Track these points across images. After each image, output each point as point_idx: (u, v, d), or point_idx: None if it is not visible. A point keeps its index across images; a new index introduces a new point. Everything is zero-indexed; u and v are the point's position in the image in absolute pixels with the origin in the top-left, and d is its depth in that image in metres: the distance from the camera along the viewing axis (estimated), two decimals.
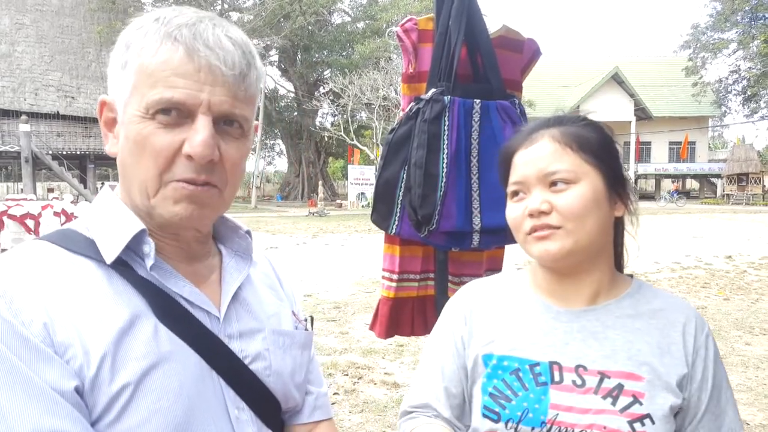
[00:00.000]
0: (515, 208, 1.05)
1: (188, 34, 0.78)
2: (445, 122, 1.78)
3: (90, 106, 30.97)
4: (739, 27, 33.27)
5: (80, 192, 28.25)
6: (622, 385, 0.99)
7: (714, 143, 57.39)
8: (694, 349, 1.03)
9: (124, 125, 0.81)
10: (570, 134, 1.03)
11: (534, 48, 2.03)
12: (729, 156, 37.14)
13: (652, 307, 1.07)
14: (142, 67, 0.78)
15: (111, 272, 0.81)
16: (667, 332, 1.04)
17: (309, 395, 1.04)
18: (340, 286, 8.51)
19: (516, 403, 1.02)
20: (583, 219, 0.99)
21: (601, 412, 0.98)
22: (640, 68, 42.42)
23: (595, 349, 1.03)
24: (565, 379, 1.02)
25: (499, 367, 1.06)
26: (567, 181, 1.00)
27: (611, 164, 1.04)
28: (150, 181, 0.79)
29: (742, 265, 10.38)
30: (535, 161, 1.02)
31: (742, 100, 36.48)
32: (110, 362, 0.74)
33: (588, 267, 1.05)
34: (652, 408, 0.98)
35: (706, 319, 1.09)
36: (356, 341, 5.64)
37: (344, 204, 32.37)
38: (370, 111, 31.18)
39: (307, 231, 17.76)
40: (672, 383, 1.00)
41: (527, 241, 1.03)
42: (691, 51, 36.65)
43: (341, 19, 40.15)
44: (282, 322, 0.99)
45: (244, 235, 0.99)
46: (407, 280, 2.04)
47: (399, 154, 1.83)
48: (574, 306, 1.07)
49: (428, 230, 1.79)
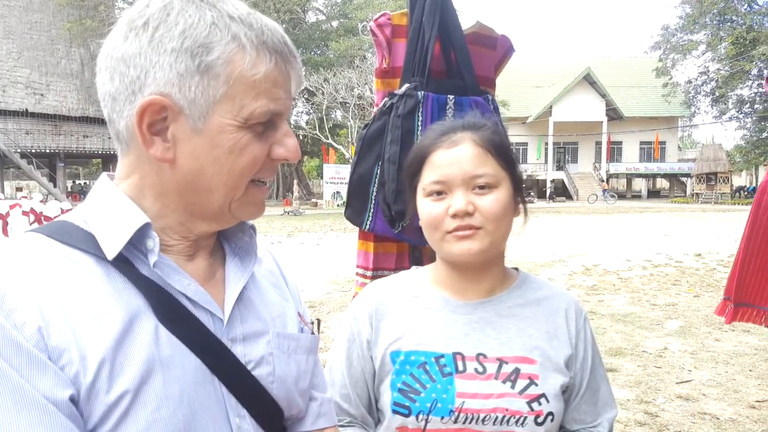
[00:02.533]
0: (434, 207, 1.08)
1: (276, 40, 0.78)
2: (418, 117, 1.77)
3: (60, 103, 30.37)
4: (708, 29, 34.01)
5: (50, 191, 27.68)
6: (518, 369, 1.08)
7: (684, 143, 58.56)
8: (576, 331, 1.15)
9: (205, 133, 0.76)
10: (488, 140, 1.09)
11: (507, 45, 2.04)
12: (698, 156, 37.94)
13: (538, 296, 1.17)
14: (241, 78, 0.75)
15: (110, 269, 0.76)
16: (553, 318, 1.15)
17: (313, 401, 1.00)
18: (315, 285, 8.47)
19: (425, 395, 1.07)
20: (500, 221, 1.06)
21: (502, 395, 1.06)
22: (611, 69, 43.13)
23: (492, 338, 1.11)
24: (468, 368, 1.08)
25: (407, 362, 1.10)
26: (490, 186, 1.06)
27: (516, 170, 1.12)
28: (240, 187, 0.80)
29: (711, 262, 10.60)
30: (459, 163, 1.06)
31: (710, 101, 37.27)
32: (108, 369, 0.69)
33: (489, 264, 1.13)
34: (546, 387, 1.07)
35: (677, 316, 1.13)
36: (331, 340, 5.61)
37: (320, 203, 32.26)
38: (345, 110, 31.14)
39: (282, 230, 17.65)
40: (561, 364, 1.11)
41: (446, 239, 1.07)
42: (661, 52, 37.34)
43: (316, 17, 40.00)
44: (287, 324, 0.94)
45: (249, 231, 0.93)
46: (381, 277, 2.03)
47: (373, 150, 1.82)
48: (471, 299, 1.14)
49: (402, 226, 1.79)
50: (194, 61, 0.73)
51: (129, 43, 0.74)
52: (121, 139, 0.79)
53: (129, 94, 0.75)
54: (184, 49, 0.73)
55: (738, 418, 3.79)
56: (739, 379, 4.50)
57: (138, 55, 0.74)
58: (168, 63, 0.73)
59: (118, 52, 0.75)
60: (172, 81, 0.73)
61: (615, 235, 15.66)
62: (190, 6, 0.74)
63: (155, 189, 0.80)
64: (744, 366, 4.80)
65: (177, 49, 0.73)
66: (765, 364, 4.86)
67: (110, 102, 0.78)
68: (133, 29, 0.74)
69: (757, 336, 5.49)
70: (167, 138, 0.76)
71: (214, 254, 0.90)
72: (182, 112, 0.75)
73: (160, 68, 0.73)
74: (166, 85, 0.74)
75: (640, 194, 43.32)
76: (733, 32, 31.28)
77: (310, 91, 31.53)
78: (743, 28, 30.96)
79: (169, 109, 0.75)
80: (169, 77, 0.73)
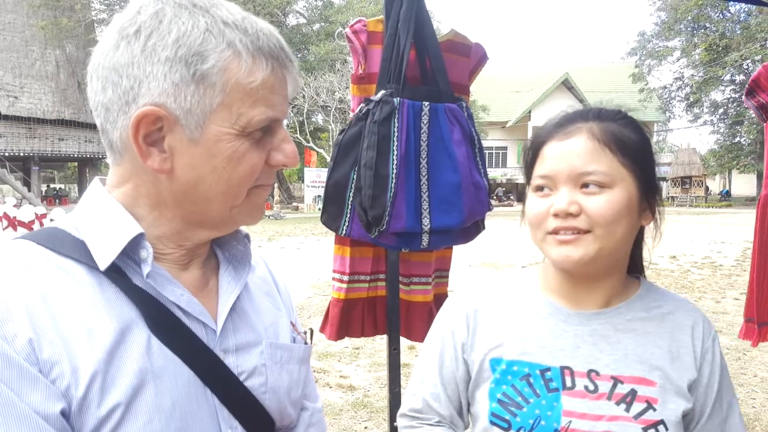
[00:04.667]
0: (539, 204, 0.98)
1: (272, 45, 0.76)
2: (394, 124, 1.79)
3: (34, 105, 29.84)
4: (683, 36, 34.60)
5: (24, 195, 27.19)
6: (635, 391, 0.96)
7: (659, 147, 59.46)
8: (702, 352, 1.01)
9: (203, 142, 0.74)
10: (610, 133, 0.96)
11: (481, 53, 2.07)
12: (674, 159, 38.55)
13: (662, 310, 1.04)
14: (238, 86, 0.73)
15: (102, 278, 0.75)
16: (677, 336, 1.01)
17: (304, 411, 0.99)
18: (295, 290, 8.44)
19: (527, 410, 0.98)
20: (613, 226, 0.93)
21: (615, 418, 0.95)
22: (589, 75, 43.66)
23: (607, 354, 0.99)
24: (577, 385, 0.98)
25: (509, 372, 1.02)
26: (601, 185, 0.93)
27: (647, 170, 0.99)
28: (240, 195, 0.79)
29: (685, 264, 10.79)
30: (568, 157, 0.95)
31: (685, 106, 37.92)
32: (100, 382, 0.68)
33: (605, 273, 1.01)
34: (666, 414, 0.95)
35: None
36: (312, 345, 5.60)
37: (301, 207, 32.14)
38: (326, 113, 31.09)
39: (262, 234, 17.55)
40: (683, 387, 0.98)
41: (546, 241, 0.97)
42: (637, 58, 37.89)
43: (296, 20, 39.89)
44: (280, 333, 0.94)
45: (243, 240, 0.92)
46: (358, 281, 2.05)
47: (349, 155, 1.83)
48: (585, 309, 1.03)
49: (378, 231, 1.80)
50: (189, 70, 0.71)
51: (121, 52, 0.73)
52: (115, 148, 0.78)
53: (123, 104, 0.73)
54: (178, 57, 0.71)
55: None
56: None
57: (131, 64, 0.72)
58: (162, 73, 0.71)
59: (109, 62, 0.73)
60: (167, 91, 0.72)
61: None
62: (182, 12, 0.73)
63: (151, 199, 0.79)
64: None
65: (171, 58, 0.71)
66: (736, 363, 4.97)
67: (103, 112, 0.76)
68: (124, 38, 0.73)
69: (729, 336, 5.60)
70: (164, 149, 0.75)
71: (207, 263, 0.89)
72: (178, 122, 0.73)
73: (154, 78, 0.71)
74: (161, 96, 0.72)
75: None
76: (707, 39, 31.89)
77: None
78: (716, 35, 31.58)
79: (165, 120, 0.73)
80: (164, 87, 0.72)
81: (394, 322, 2.03)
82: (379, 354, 5.22)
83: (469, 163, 1.85)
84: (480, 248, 11.49)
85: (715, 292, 8.25)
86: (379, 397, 4.25)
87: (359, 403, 4.18)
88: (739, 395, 4.26)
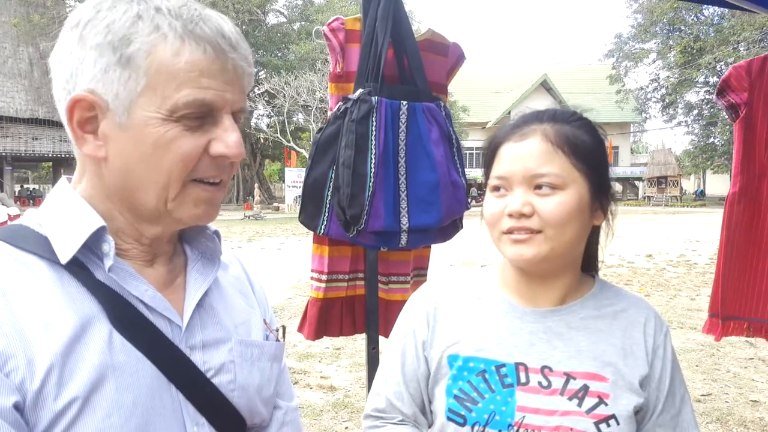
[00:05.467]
0: (495, 204, 1.01)
1: (209, 30, 0.74)
2: (372, 122, 1.79)
3: (7, 104, 29.24)
4: (658, 38, 35.13)
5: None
6: (587, 386, 0.99)
7: (636, 148, 60.33)
8: (653, 348, 1.04)
9: (130, 128, 0.73)
10: (563, 135, 0.98)
11: (458, 52, 2.08)
12: (650, 160, 39.21)
13: (615, 307, 1.07)
14: (162, 67, 0.72)
15: (63, 273, 0.74)
16: (630, 333, 1.04)
17: (278, 410, 0.98)
18: (276, 291, 8.39)
19: (482, 405, 1.00)
20: (563, 227, 0.96)
21: (567, 413, 0.97)
22: (567, 76, 44.22)
23: (560, 350, 1.02)
24: (531, 381, 1.00)
25: (465, 369, 1.04)
26: (553, 186, 0.96)
27: (600, 171, 1.01)
28: (173, 184, 0.76)
29: (661, 263, 10.97)
30: (523, 158, 0.98)
31: (661, 107, 38.49)
32: (57, 375, 0.68)
33: (559, 271, 1.04)
34: (617, 408, 0.98)
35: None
36: (293, 346, 5.58)
37: (281, 207, 31.99)
38: (306, 113, 30.99)
39: (242, 234, 17.43)
40: (635, 383, 1.01)
41: (502, 240, 1.00)
42: (614, 60, 38.38)
43: (276, 19, 39.69)
44: (252, 331, 0.93)
45: (212, 236, 0.91)
46: (336, 281, 2.04)
47: (327, 154, 1.83)
48: (540, 306, 1.06)
49: (357, 230, 1.80)
50: (115, 54, 0.72)
51: (63, 43, 0.76)
52: (71, 141, 0.78)
53: (66, 93, 0.75)
54: (106, 43, 0.72)
55: None
56: (686, 374, 4.62)
57: (69, 53, 0.74)
58: (92, 59, 0.72)
59: (56, 54, 0.77)
60: (96, 77, 0.73)
61: None
62: (120, 3, 0.74)
63: (100, 191, 0.79)
64: (691, 362, 4.99)
65: (100, 43, 0.72)
66: (710, 359, 5.06)
67: (58, 104, 0.77)
68: (68, 30, 0.76)
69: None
70: (98, 136, 0.75)
71: (175, 260, 0.88)
72: (108, 107, 0.74)
73: (86, 65, 0.73)
74: (92, 81, 0.73)
75: None
76: (682, 41, 32.42)
77: (271, 94, 31.25)
78: (691, 38, 32.13)
79: (97, 106, 0.74)
80: (94, 73, 0.73)
81: (373, 321, 2.03)
82: (359, 354, 5.21)
83: (447, 162, 1.86)
84: (460, 247, 11.56)
85: (690, 289, 8.39)
86: (359, 397, 4.25)
87: (340, 403, 4.17)
88: (713, 390, 4.34)
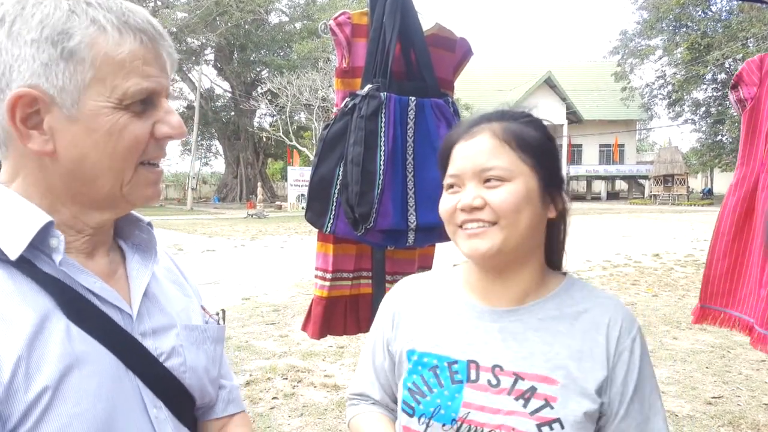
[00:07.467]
0: (449, 200, 1.04)
1: (140, 20, 0.78)
2: (381, 119, 1.75)
3: None
4: (665, 34, 34.90)
5: None
6: (535, 388, 0.99)
7: (642, 145, 60.15)
8: (616, 351, 1.01)
9: (81, 119, 0.76)
10: (510, 131, 1.02)
11: (466, 47, 2.04)
12: (656, 158, 38.95)
13: (578, 308, 1.05)
14: (108, 58, 0.76)
15: (13, 271, 0.75)
16: (591, 335, 1.02)
17: (222, 389, 1.05)
18: (279, 289, 8.37)
19: (430, 399, 1.04)
20: (515, 215, 0.98)
21: (511, 413, 0.98)
22: (571, 73, 44.00)
23: (513, 351, 1.03)
24: (481, 379, 1.02)
25: (420, 363, 1.08)
26: (501, 179, 0.99)
27: (548, 165, 1.04)
28: (128, 169, 0.80)
29: (669, 262, 10.89)
30: (472, 156, 1.02)
31: (667, 105, 38.24)
32: (25, 367, 0.70)
33: (517, 267, 1.05)
34: (563, 413, 0.97)
35: (636, 315, 1.09)
36: (296, 344, 5.56)
37: (284, 206, 31.98)
38: (309, 112, 30.95)
39: (245, 233, 17.42)
40: (589, 388, 0.98)
41: (458, 235, 1.03)
42: (619, 57, 38.15)
43: (279, 18, 39.65)
44: (192, 317, 0.97)
45: (146, 228, 0.95)
46: (340, 279, 2.01)
47: (334, 151, 1.79)
48: (499, 306, 1.07)
49: (365, 228, 1.76)
50: (56, 49, 0.74)
51: None
52: (1, 141, 0.79)
53: None
54: (44, 38, 0.73)
55: (695, 415, 3.88)
56: (696, 377, 4.62)
57: None
58: (30, 54, 0.74)
59: None
60: (37, 72, 0.74)
61: (575, 236, 15.88)
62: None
63: (40, 186, 0.80)
64: (701, 363, 4.93)
65: (37, 39, 0.73)
66: (721, 361, 5.00)
67: None
68: None
69: (714, 334, 5.64)
70: (44, 130, 0.76)
71: (111, 253, 0.91)
72: (54, 101, 0.75)
73: (23, 60, 0.74)
74: (32, 77, 0.74)
75: (600, 196, 44.26)
76: (689, 38, 32.17)
77: (274, 93, 31.23)
78: (698, 34, 31.90)
79: (40, 101, 0.75)
80: (34, 68, 0.74)
81: None
82: None
83: None
84: None
85: (699, 290, 8.31)
86: None
87: (344, 402, 4.13)
88: (724, 393, 4.29)
